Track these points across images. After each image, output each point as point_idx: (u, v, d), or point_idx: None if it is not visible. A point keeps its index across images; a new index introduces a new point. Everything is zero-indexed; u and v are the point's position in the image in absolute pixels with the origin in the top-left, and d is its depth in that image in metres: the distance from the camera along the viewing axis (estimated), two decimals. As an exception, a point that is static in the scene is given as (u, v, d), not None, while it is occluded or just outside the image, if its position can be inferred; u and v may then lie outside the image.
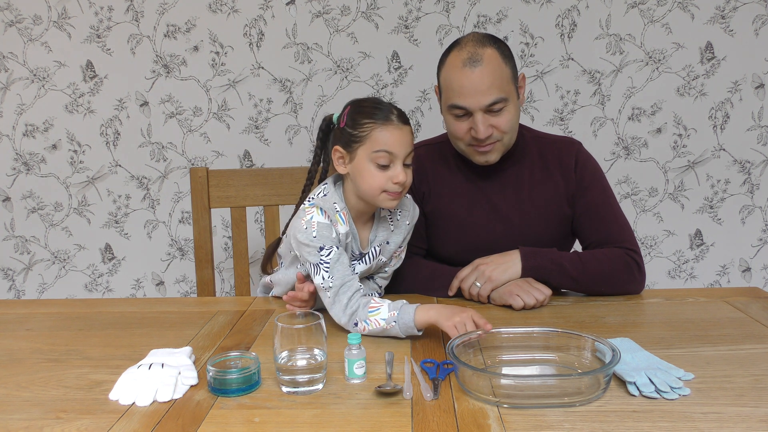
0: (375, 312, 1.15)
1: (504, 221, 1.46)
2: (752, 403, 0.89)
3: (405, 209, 1.35)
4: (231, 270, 2.31)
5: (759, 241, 2.26)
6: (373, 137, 1.18)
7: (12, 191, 2.31)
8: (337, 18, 2.16)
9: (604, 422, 0.85)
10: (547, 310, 1.30)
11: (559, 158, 1.46)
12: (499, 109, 1.33)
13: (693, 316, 1.24)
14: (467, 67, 1.32)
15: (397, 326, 1.13)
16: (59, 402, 0.95)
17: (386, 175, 1.19)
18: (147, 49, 2.20)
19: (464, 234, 1.47)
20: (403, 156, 1.20)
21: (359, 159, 1.20)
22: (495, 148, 1.38)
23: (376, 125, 1.19)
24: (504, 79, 1.33)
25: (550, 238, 1.46)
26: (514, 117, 1.37)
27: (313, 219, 1.21)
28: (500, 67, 1.33)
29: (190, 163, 2.27)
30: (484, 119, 1.33)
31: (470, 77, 1.31)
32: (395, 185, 1.20)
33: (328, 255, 1.19)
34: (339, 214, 1.24)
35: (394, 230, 1.33)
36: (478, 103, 1.32)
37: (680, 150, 2.21)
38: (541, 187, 1.46)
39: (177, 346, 1.10)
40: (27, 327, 1.28)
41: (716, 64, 2.14)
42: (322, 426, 0.86)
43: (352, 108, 1.23)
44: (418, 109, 2.20)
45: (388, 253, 1.34)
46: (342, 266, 1.20)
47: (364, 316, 1.16)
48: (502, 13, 2.14)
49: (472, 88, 1.31)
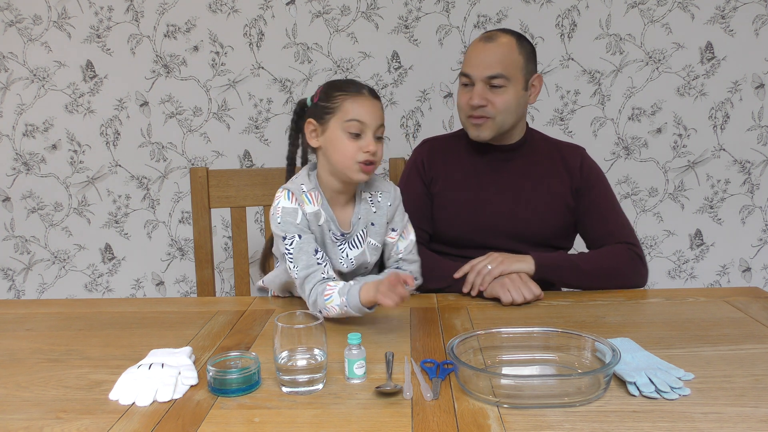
0: (329, 300, 1.20)
1: (510, 205, 1.51)
2: (752, 403, 0.89)
3: (385, 191, 1.37)
4: (231, 270, 2.31)
5: (759, 241, 2.26)
6: (345, 107, 1.24)
7: (12, 191, 2.31)
8: (337, 18, 2.16)
9: (604, 422, 0.85)
10: (547, 310, 1.30)
11: (564, 159, 1.55)
12: (499, 86, 1.44)
13: (693, 316, 1.24)
14: (482, 41, 1.47)
15: (349, 309, 1.18)
16: (59, 402, 0.95)
17: (357, 144, 1.24)
18: (147, 49, 2.20)
19: (470, 215, 1.52)
20: (375, 127, 1.25)
21: (331, 129, 1.26)
22: (486, 124, 1.47)
23: (348, 96, 1.25)
24: (512, 63, 1.44)
25: (553, 225, 1.52)
26: (512, 101, 1.45)
27: (279, 204, 1.28)
28: (511, 52, 1.45)
29: (190, 163, 2.27)
30: (482, 90, 1.44)
31: (481, 49, 1.46)
32: (365, 154, 1.24)
33: (291, 244, 1.25)
34: (306, 195, 1.28)
35: (376, 211, 1.35)
36: (481, 72, 1.44)
37: (680, 150, 2.20)
38: (547, 179, 1.53)
39: (177, 346, 1.10)
40: (27, 327, 1.28)
41: (716, 64, 2.14)
42: (322, 426, 0.86)
43: (325, 85, 1.31)
44: (418, 109, 2.20)
45: (377, 236, 1.35)
46: (305, 255, 1.24)
47: (322, 305, 1.20)
48: (502, 13, 2.14)
49: (479, 58, 1.45)
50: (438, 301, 1.37)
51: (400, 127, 2.21)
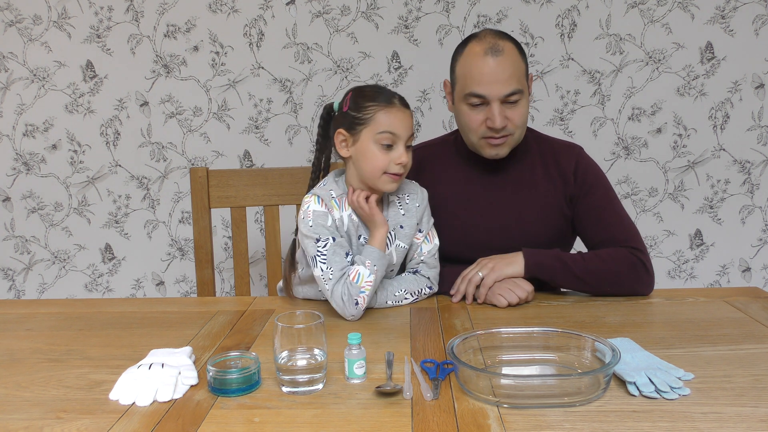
0: (359, 279, 1.24)
1: (502, 218, 1.46)
2: (752, 403, 0.89)
3: (412, 192, 1.39)
4: (231, 270, 2.31)
5: (759, 241, 2.26)
6: (377, 119, 1.25)
7: (12, 191, 2.31)
8: (337, 18, 2.16)
9: (604, 422, 0.85)
10: (547, 310, 1.30)
11: (558, 162, 1.47)
12: (515, 101, 1.35)
13: (693, 316, 1.24)
14: (489, 55, 1.33)
15: (378, 267, 1.25)
16: (59, 402, 0.95)
17: (389, 156, 1.25)
18: (147, 49, 2.20)
19: (462, 229, 1.47)
20: (406, 137, 1.26)
21: (363, 140, 1.26)
22: (507, 142, 1.39)
23: (380, 107, 1.25)
24: (521, 73, 1.36)
25: (547, 237, 1.46)
26: (527, 112, 1.40)
27: (309, 208, 1.29)
28: (518, 61, 1.36)
29: (190, 163, 2.27)
30: (501, 109, 1.34)
31: (492, 66, 1.33)
32: (397, 166, 1.26)
33: (324, 246, 1.26)
34: (334, 200, 1.31)
35: (405, 214, 1.36)
36: (498, 92, 1.33)
37: (680, 150, 2.21)
38: (541, 187, 1.46)
39: (177, 346, 1.10)
40: (27, 327, 1.28)
41: (716, 64, 2.14)
42: (322, 426, 0.86)
43: (354, 93, 1.30)
44: (418, 109, 2.20)
45: (405, 238, 1.36)
46: (339, 257, 1.26)
47: (356, 291, 1.23)
48: (502, 13, 2.14)
49: (493, 76, 1.33)
50: (438, 301, 1.37)
51: (400, 127, 2.21)
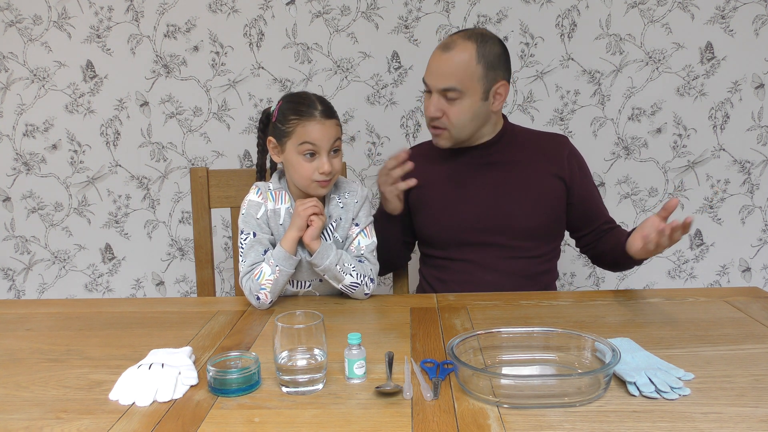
0: (261, 276, 1.31)
1: (491, 199, 1.50)
2: (752, 403, 0.89)
3: (352, 191, 1.45)
4: (231, 270, 2.31)
5: (759, 241, 2.26)
6: (298, 132, 1.31)
7: (12, 191, 2.31)
8: (337, 18, 2.16)
9: (604, 422, 0.85)
10: (547, 310, 1.30)
11: (547, 148, 1.54)
12: (452, 99, 1.41)
13: (693, 316, 1.24)
14: (439, 49, 1.44)
15: (281, 267, 1.30)
16: (59, 402, 0.95)
17: (313, 165, 1.32)
18: (147, 49, 2.20)
19: (450, 213, 1.53)
20: (328, 147, 1.32)
21: (288, 151, 1.34)
22: (443, 135, 1.47)
23: (300, 121, 1.31)
24: (467, 74, 1.40)
25: (539, 216, 1.50)
26: (467, 113, 1.42)
27: (246, 197, 1.40)
28: (468, 63, 1.40)
29: (190, 163, 2.27)
30: (437, 100, 1.43)
31: (437, 59, 1.43)
32: (321, 174, 1.32)
33: (245, 240, 1.37)
34: (270, 192, 1.40)
35: (343, 207, 1.43)
36: (434, 83, 1.43)
37: (680, 150, 2.20)
38: (530, 168, 1.52)
39: (177, 346, 1.10)
40: (27, 327, 1.28)
41: (716, 64, 2.14)
42: (322, 426, 0.86)
43: (282, 103, 1.37)
44: (418, 109, 2.20)
45: (341, 230, 1.42)
46: (254, 253, 1.35)
47: (256, 288, 1.32)
48: (502, 13, 2.14)
49: (434, 68, 1.44)
50: (438, 301, 1.37)
51: (400, 127, 2.21)
